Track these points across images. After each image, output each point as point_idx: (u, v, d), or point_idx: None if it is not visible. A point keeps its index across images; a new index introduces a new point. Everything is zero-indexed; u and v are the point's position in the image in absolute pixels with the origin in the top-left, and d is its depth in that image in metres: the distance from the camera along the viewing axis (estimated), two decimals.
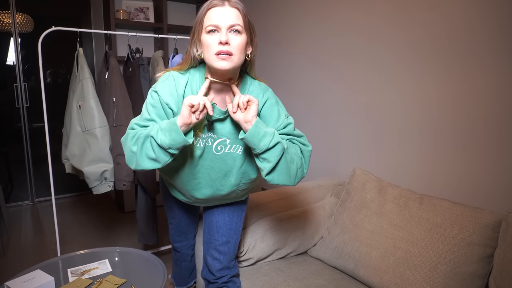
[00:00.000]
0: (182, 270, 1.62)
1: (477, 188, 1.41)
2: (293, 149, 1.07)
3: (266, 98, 1.11)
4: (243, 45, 1.00)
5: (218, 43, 0.97)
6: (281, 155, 1.01)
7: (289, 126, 1.11)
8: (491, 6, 1.31)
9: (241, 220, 1.38)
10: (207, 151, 1.12)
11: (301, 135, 1.14)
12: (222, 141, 1.10)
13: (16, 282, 1.16)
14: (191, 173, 1.16)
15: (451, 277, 1.23)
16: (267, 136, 1.00)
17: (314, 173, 2.26)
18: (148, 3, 3.18)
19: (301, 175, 1.09)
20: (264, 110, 1.11)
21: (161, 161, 1.02)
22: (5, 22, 3.15)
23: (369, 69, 1.83)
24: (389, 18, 1.70)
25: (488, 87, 1.35)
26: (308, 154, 1.11)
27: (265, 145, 0.99)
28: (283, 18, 2.44)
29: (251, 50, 1.08)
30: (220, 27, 0.98)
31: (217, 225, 1.33)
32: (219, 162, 1.13)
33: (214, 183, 1.17)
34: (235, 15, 0.99)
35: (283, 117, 1.12)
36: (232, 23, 0.98)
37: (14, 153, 3.38)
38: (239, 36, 0.99)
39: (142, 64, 2.02)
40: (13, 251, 2.45)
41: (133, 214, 3.12)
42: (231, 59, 0.98)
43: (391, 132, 1.75)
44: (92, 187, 1.81)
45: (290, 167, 1.04)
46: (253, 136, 0.99)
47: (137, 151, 1.03)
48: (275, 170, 1.03)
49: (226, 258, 1.33)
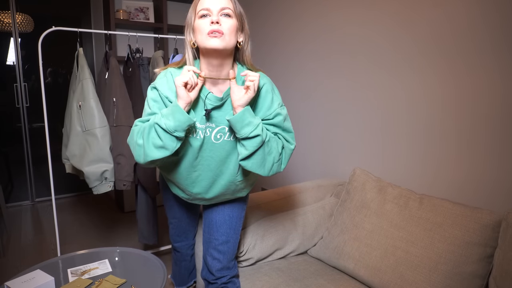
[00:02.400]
0: (182, 270, 1.62)
1: (477, 188, 1.41)
2: (275, 143, 1.10)
3: (262, 84, 1.13)
4: (233, 28, 1.04)
5: (209, 24, 1.01)
6: (258, 147, 1.05)
7: (278, 117, 1.13)
8: (493, 4, 1.31)
9: (241, 220, 1.38)
10: (206, 141, 1.13)
11: (290, 131, 1.17)
12: (220, 129, 1.12)
13: (16, 282, 1.16)
14: (191, 166, 1.17)
15: (451, 277, 1.23)
16: (250, 125, 1.03)
17: (314, 173, 2.26)
18: (148, 3, 3.18)
19: (277, 169, 1.12)
20: (260, 98, 1.13)
21: (169, 147, 1.04)
22: (5, 22, 3.15)
23: (370, 68, 1.83)
24: (392, 16, 1.70)
25: (491, 86, 1.35)
26: (289, 152, 1.14)
27: (246, 133, 1.04)
28: (281, 16, 2.44)
29: (242, 38, 1.09)
30: (212, 10, 1.02)
31: (216, 224, 1.33)
32: (218, 151, 1.15)
33: (213, 173, 1.18)
34: (225, 0, 1.04)
35: (276, 105, 1.13)
36: (222, 6, 1.02)
37: (14, 153, 3.38)
38: (230, 19, 1.03)
39: (142, 64, 2.02)
40: (13, 251, 2.45)
41: (133, 214, 3.12)
42: (222, 37, 1.00)
43: (391, 132, 1.75)
44: (92, 187, 1.81)
45: (267, 158, 1.08)
46: (237, 121, 1.03)
47: (144, 142, 1.05)
48: (251, 158, 1.08)
49: (226, 258, 1.33)
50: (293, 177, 2.45)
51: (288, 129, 1.16)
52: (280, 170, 1.14)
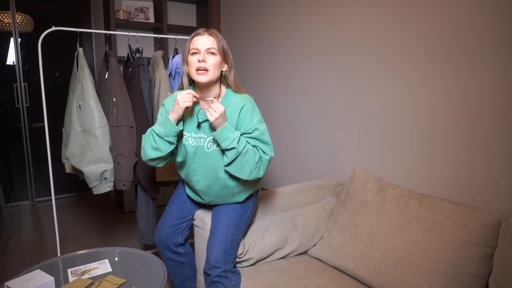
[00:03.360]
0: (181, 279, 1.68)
1: (478, 188, 1.41)
2: (252, 154, 1.33)
3: (243, 104, 1.37)
4: (217, 63, 1.32)
5: (197, 61, 1.29)
6: (236, 156, 1.30)
7: (256, 131, 1.36)
8: (496, 4, 1.31)
9: (242, 219, 1.49)
10: (200, 150, 1.40)
11: (268, 143, 1.39)
12: (210, 139, 1.38)
13: (16, 282, 1.16)
14: (191, 170, 1.45)
15: (451, 277, 1.23)
16: (228, 140, 1.29)
17: (314, 173, 2.26)
18: (148, 3, 3.18)
19: (256, 175, 1.36)
20: (241, 113, 1.36)
21: (162, 149, 1.34)
22: (5, 22, 3.15)
23: (371, 68, 1.83)
24: (393, 15, 1.70)
25: (493, 86, 1.35)
26: (266, 162, 1.37)
27: (225, 146, 1.30)
28: (278, 15, 2.44)
29: (226, 68, 1.38)
30: (200, 50, 1.30)
31: (219, 216, 1.47)
32: (209, 159, 1.40)
33: (209, 179, 1.43)
34: (211, 41, 1.31)
35: (255, 121, 1.37)
36: (208, 47, 1.31)
37: (14, 153, 3.38)
38: (214, 56, 1.31)
39: (142, 64, 2.01)
40: (13, 251, 2.45)
41: (133, 214, 3.12)
42: (207, 74, 1.30)
43: (391, 131, 1.75)
44: (92, 187, 1.81)
45: (245, 166, 1.32)
46: (218, 136, 1.31)
47: (144, 144, 1.39)
48: (231, 165, 1.34)
49: (223, 250, 1.39)
50: (293, 177, 2.45)
51: (266, 141, 1.38)
52: (259, 176, 1.37)
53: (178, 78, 2.04)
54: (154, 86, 1.98)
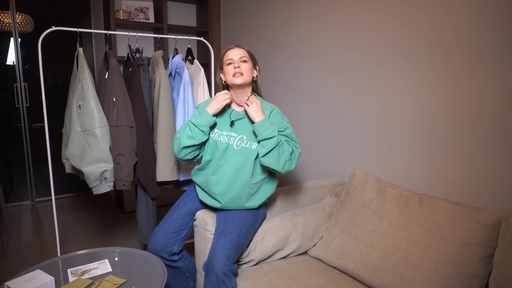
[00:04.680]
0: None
1: (478, 188, 1.41)
2: (286, 147, 1.47)
3: (272, 108, 1.58)
4: (249, 68, 1.55)
5: (233, 68, 1.52)
6: (275, 145, 1.42)
7: (287, 130, 1.53)
8: (495, 5, 1.31)
9: (253, 225, 1.54)
10: (229, 147, 1.54)
11: (296, 141, 1.55)
12: (240, 137, 1.53)
13: (16, 282, 1.16)
14: (216, 166, 1.55)
15: (451, 277, 1.23)
16: (269, 129, 1.43)
17: (314, 173, 2.26)
18: (148, 3, 3.18)
19: (288, 167, 1.48)
20: (271, 116, 1.56)
21: (196, 137, 1.49)
22: (5, 22, 3.15)
23: (371, 68, 1.83)
24: (393, 16, 1.70)
25: (492, 87, 1.35)
26: (297, 154, 1.52)
27: (265, 135, 1.43)
28: (280, 13, 2.44)
29: (256, 74, 1.61)
30: (234, 59, 1.54)
31: (233, 219, 1.52)
32: (237, 155, 1.52)
33: (230, 177, 1.52)
34: (242, 51, 1.56)
35: (285, 122, 1.56)
36: (240, 56, 1.54)
37: (14, 153, 3.38)
38: (246, 63, 1.54)
39: (142, 64, 2.01)
40: (13, 251, 2.45)
41: (133, 214, 3.12)
42: (242, 77, 1.52)
43: (391, 131, 1.75)
44: (92, 187, 1.81)
45: (281, 157, 1.44)
46: (259, 126, 1.44)
47: (180, 135, 1.52)
48: (268, 155, 1.43)
49: (235, 248, 1.40)
50: (293, 177, 2.45)
51: (295, 139, 1.55)
52: (291, 169, 1.49)
53: (178, 78, 2.04)
54: (154, 86, 1.98)
